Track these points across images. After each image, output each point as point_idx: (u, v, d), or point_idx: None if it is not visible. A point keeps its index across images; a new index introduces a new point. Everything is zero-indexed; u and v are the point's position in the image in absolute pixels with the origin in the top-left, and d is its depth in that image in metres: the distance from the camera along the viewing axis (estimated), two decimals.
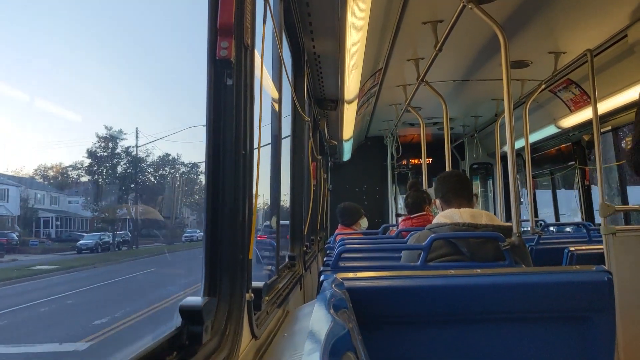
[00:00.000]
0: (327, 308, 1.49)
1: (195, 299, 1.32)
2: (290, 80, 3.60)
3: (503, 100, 3.22)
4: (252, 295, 1.69)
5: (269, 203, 3.91)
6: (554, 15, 3.91)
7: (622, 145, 5.88)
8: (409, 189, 5.27)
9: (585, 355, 2.14)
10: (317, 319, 1.40)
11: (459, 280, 2.18)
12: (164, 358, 1.15)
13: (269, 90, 3.09)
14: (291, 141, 4.12)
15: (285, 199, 4.17)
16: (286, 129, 4.09)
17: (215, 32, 1.50)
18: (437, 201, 3.20)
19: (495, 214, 8.77)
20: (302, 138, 4.14)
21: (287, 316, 2.47)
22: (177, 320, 1.26)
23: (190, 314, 1.26)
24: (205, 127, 1.52)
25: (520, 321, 2.19)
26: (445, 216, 2.94)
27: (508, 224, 2.96)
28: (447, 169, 5.16)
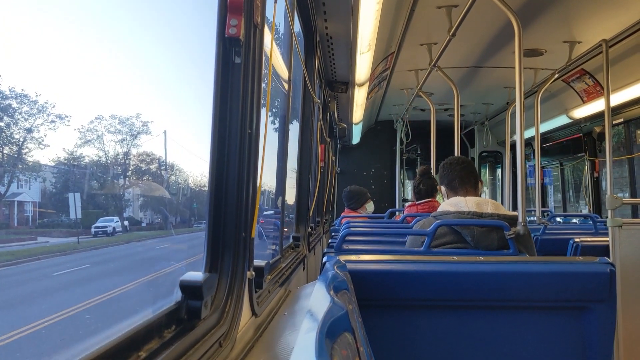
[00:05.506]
0: (327, 289, 1.50)
1: (196, 274, 1.33)
2: (301, 60, 3.58)
3: (515, 88, 3.19)
4: (254, 273, 1.71)
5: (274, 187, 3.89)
6: (570, 4, 3.86)
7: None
8: (420, 175, 5.12)
9: (584, 345, 2.15)
10: (316, 299, 1.40)
11: (462, 266, 2.18)
12: (162, 332, 1.16)
13: (278, 70, 3.08)
14: (300, 122, 4.11)
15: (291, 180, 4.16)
16: (295, 109, 4.08)
17: (225, 9, 1.49)
18: (443, 188, 3.15)
19: (502, 203, 8.76)
20: (311, 119, 4.13)
21: (289, 295, 2.48)
22: (177, 295, 1.27)
23: (190, 289, 1.27)
24: (212, 105, 1.52)
25: (522, 309, 2.20)
26: (450, 204, 2.93)
27: (513, 213, 2.95)
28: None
